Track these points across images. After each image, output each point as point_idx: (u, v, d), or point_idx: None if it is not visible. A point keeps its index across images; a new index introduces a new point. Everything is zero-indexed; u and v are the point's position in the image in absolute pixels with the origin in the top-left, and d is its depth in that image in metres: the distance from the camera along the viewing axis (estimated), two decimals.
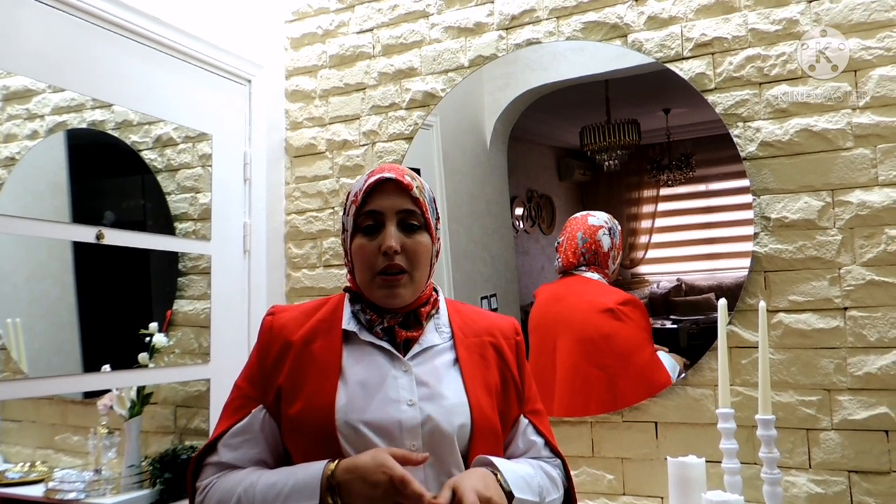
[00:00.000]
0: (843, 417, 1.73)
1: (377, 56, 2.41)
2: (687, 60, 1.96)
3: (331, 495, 1.01)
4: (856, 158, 1.76)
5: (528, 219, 2.23)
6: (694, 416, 1.88)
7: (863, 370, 1.72)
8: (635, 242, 2.10)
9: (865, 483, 1.70)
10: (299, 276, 2.48)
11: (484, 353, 1.21)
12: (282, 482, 1.05)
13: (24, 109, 1.92)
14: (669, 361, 1.95)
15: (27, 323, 1.93)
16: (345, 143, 2.44)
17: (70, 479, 1.94)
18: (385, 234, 1.14)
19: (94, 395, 2.04)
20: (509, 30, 2.21)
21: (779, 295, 1.82)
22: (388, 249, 1.12)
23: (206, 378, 2.17)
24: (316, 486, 1.02)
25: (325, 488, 1.01)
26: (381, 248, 1.13)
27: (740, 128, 1.89)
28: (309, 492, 1.02)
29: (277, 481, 1.06)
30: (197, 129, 2.23)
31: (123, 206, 2.15)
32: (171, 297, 2.22)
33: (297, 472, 1.06)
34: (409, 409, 1.10)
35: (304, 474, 1.05)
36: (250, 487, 1.07)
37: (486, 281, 2.26)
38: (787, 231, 1.82)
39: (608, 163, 2.11)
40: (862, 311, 1.73)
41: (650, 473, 1.92)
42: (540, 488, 1.16)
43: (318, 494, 1.01)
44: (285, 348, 1.16)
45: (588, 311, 2.03)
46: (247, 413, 1.15)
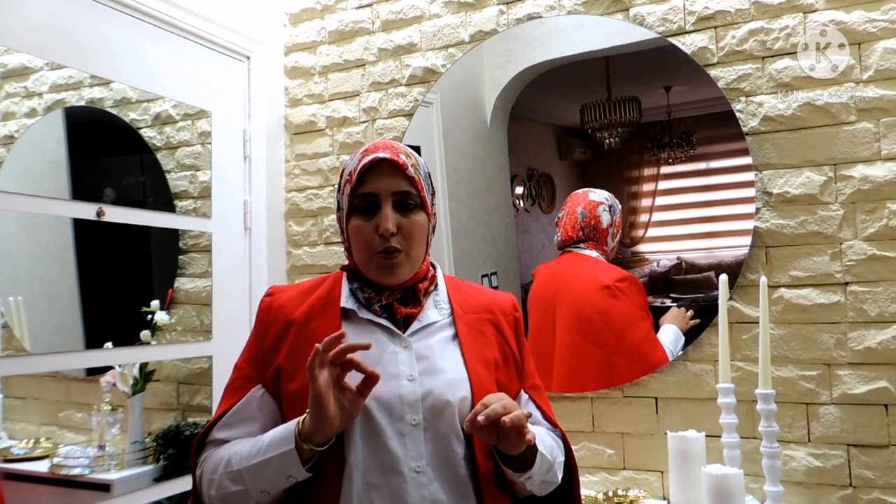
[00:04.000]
0: (843, 392, 1.73)
1: (377, 32, 2.39)
2: (689, 34, 1.94)
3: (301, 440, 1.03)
4: (858, 132, 1.76)
5: (529, 197, 2.22)
6: (694, 392, 1.89)
7: (863, 345, 1.72)
8: (635, 221, 2.10)
9: (864, 456, 1.71)
10: (300, 253, 2.48)
11: (483, 329, 1.22)
12: (263, 439, 1.08)
13: (23, 87, 1.91)
14: (672, 334, 1.94)
15: (29, 301, 1.93)
16: (345, 120, 2.43)
17: (74, 454, 1.96)
18: (381, 216, 1.13)
19: (97, 373, 2.05)
20: (510, 4, 2.19)
21: (780, 270, 1.82)
22: (385, 232, 1.12)
23: (209, 355, 2.18)
24: (291, 431, 1.04)
25: (297, 434, 1.03)
26: (378, 230, 1.13)
27: (742, 102, 1.88)
28: (286, 438, 1.04)
29: (260, 439, 1.09)
30: (196, 107, 2.22)
31: (123, 183, 2.15)
32: (172, 274, 2.23)
33: (276, 429, 1.09)
34: (409, 384, 1.11)
35: (284, 426, 1.08)
36: (238, 450, 1.10)
37: (487, 259, 2.26)
38: (788, 206, 1.82)
39: (608, 141, 2.10)
40: (863, 285, 1.73)
41: (650, 448, 1.93)
42: (551, 448, 1.18)
43: (293, 440, 1.03)
44: (286, 327, 1.17)
45: (585, 289, 2.04)
46: (246, 393, 1.16)
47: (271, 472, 1.05)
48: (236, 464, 1.08)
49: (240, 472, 1.07)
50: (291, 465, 1.03)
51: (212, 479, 1.10)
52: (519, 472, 1.11)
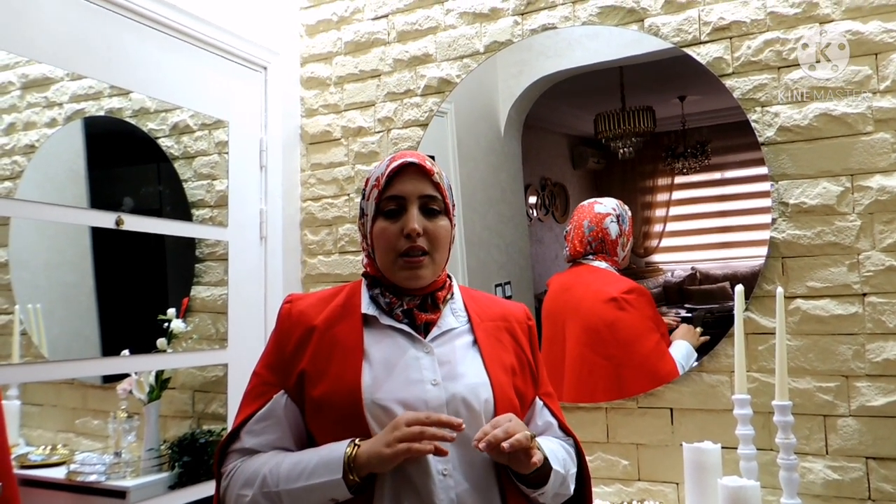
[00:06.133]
0: (861, 404, 1.72)
1: (392, 42, 2.41)
2: (704, 45, 1.94)
3: (350, 471, 1.04)
4: (876, 143, 1.75)
5: (542, 207, 2.23)
6: (710, 403, 1.88)
7: (881, 356, 1.71)
8: (649, 231, 2.10)
9: (883, 469, 1.69)
10: (315, 262, 2.49)
11: (500, 336, 1.24)
12: (306, 459, 1.08)
13: (43, 97, 1.94)
14: (684, 350, 1.93)
15: (47, 308, 1.95)
16: (360, 130, 2.45)
17: (91, 461, 1.96)
18: (408, 217, 1.16)
19: (114, 380, 2.07)
20: (525, 15, 2.20)
21: (796, 281, 1.81)
22: (412, 232, 1.14)
23: (224, 363, 2.19)
24: (339, 460, 1.04)
25: (346, 463, 1.04)
26: (405, 230, 1.15)
27: (758, 112, 1.87)
28: (333, 467, 1.05)
29: (302, 459, 1.09)
30: (213, 116, 2.24)
31: (141, 192, 2.17)
32: (188, 283, 2.24)
33: (321, 450, 1.09)
34: (433, 389, 1.12)
35: (328, 451, 1.07)
36: (275, 467, 1.10)
37: (501, 268, 2.26)
38: (805, 216, 1.81)
39: (622, 150, 2.10)
40: (881, 297, 1.72)
41: (665, 459, 1.92)
42: (564, 461, 1.19)
43: (342, 470, 1.03)
44: (307, 333, 1.18)
45: (593, 301, 2.03)
46: (268, 399, 1.17)
47: (315, 496, 1.06)
48: (273, 484, 1.08)
49: (279, 494, 1.08)
50: (336, 490, 1.05)
51: (242, 496, 1.11)
52: (533, 489, 1.13)
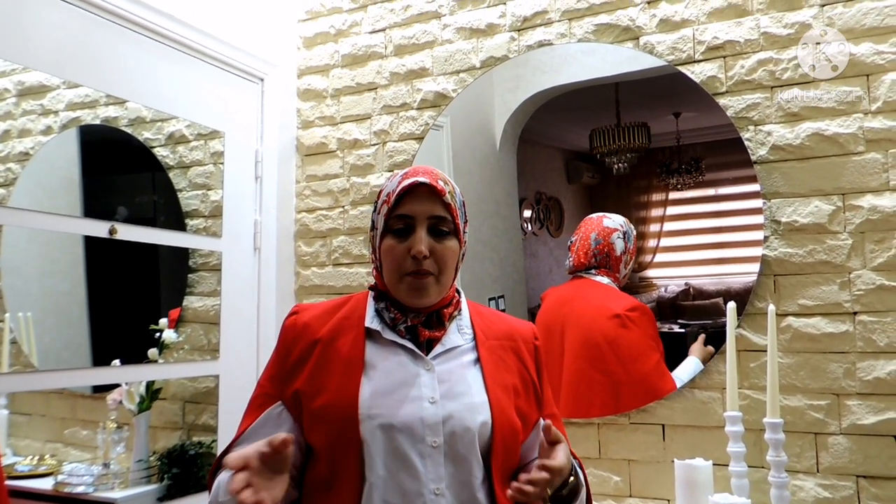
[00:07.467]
0: (852, 422, 1.72)
1: (389, 56, 2.42)
2: (698, 63, 1.96)
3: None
4: (867, 163, 1.76)
5: (537, 221, 2.23)
6: (701, 419, 1.88)
7: (872, 375, 1.71)
8: (643, 246, 2.10)
9: (874, 488, 1.69)
10: (308, 273, 2.49)
11: (504, 356, 1.23)
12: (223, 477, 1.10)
13: (39, 105, 1.94)
14: (693, 367, 1.91)
15: (38, 317, 1.94)
16: (356, 143, 2.45)
17: (79, 472, 1.95)
18: (415, 239, 1.15)
19: (104, 390, 2.05)
20: (521, 31, 2.21)
21: (788, 299, 1.82)
22: (418, 254, 1.14)
23: (216, 374, 2.18)
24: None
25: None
26: (411, 251, 1.14)
27: (751, 131, 1.89)
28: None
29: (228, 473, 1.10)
30: (209, 127, 2.25)
31: (135, 201, 2.17)
32: (181, 293, 2.23)
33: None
34: (430, 407, 1.12)
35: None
36: (221, 479, 1.12)
37: (495, 282, 2.26)
38: (797, 235, 1.82)
39: (617, 166, 2.11)
40: (872, 315, 1.73)
41: (657, 476, 1.92)
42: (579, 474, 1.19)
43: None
44: (311, 346, 1.18)
45: (595, 316, 2.03)
46: (265, 411, 1.17)
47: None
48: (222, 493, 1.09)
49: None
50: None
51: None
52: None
